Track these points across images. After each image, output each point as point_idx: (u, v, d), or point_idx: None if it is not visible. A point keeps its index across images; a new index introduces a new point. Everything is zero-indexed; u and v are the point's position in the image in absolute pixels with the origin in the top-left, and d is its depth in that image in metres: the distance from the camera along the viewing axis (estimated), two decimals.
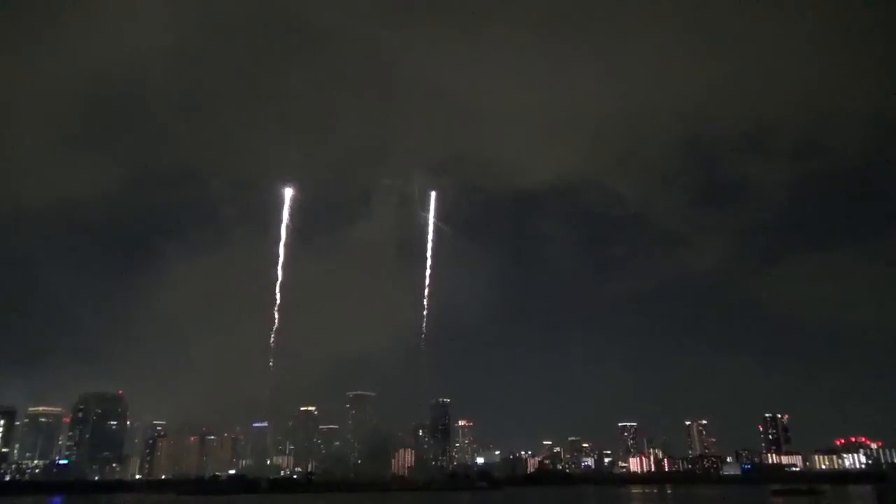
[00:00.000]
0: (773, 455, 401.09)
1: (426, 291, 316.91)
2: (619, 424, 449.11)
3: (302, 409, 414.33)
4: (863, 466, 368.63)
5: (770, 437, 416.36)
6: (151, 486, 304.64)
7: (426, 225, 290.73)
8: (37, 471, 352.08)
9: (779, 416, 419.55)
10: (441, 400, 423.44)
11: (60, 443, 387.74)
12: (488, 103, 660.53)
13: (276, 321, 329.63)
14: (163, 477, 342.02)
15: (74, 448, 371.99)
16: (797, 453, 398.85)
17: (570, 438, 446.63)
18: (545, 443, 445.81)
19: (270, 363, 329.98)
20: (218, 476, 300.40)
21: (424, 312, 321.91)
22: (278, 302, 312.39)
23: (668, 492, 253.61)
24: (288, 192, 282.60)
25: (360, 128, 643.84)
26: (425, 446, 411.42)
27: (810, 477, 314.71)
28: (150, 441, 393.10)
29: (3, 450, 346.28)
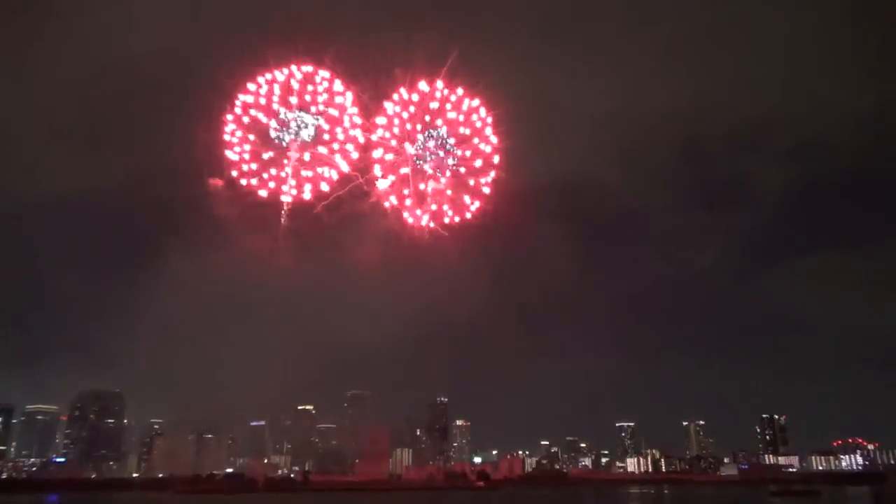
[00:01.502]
0: (771, 456, 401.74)
1: (423, 291, 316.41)
2: (617, 424, 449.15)
3: (299, 407, 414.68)
4: (860, 467, 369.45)
5: (767, 437, 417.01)
6: (148, 484, 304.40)
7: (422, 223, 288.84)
8: (34, 469, 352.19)
9: (776, 416, 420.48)
10: (439, 399, 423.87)
11: (58, 441, 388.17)
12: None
13: (275, 320, 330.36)
14: (160, 475, 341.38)
15: (72, 446, 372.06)
16: (794, 454, 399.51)
17: (567, 438, 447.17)
18: (543, 443, 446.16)
19: (273, 361, 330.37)
20: (215, 475, 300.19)
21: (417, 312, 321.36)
22: (277, 301, 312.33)
23: (666, 492, 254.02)
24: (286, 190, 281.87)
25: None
26: (423, 446, 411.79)
27: (807, 477, 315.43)
28: (148, 439, 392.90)
29: (1, 448, 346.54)
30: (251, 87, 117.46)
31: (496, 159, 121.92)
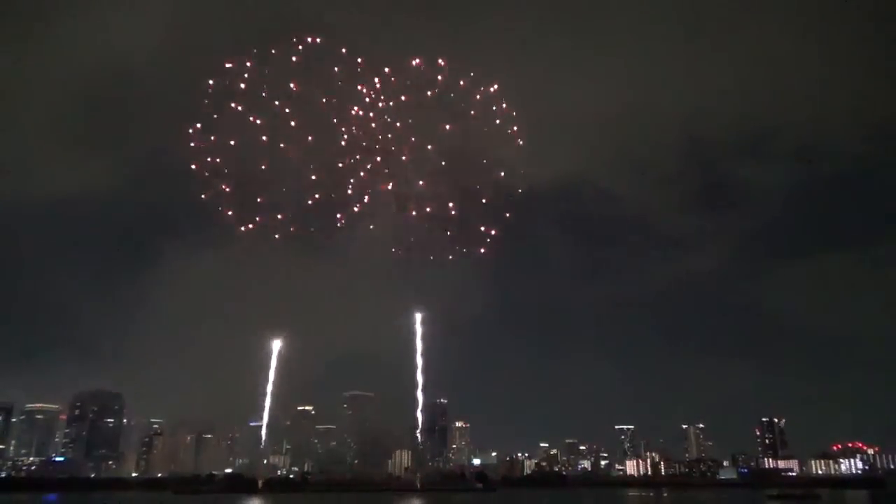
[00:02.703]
0: (770, 460, 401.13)
1: (419, 293, 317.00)
2: (616, 427, 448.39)
3: (299, 408, 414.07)
4: (859, 472, 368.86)
5: (767, 441, 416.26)
6: (147, 484, 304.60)
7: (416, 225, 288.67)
8: (33, 468, 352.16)
9: (776, 420, 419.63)
10: (438, 401, 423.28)
11: (57, 440, 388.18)
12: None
13: (275, 320, 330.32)
14: (159, 475, 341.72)
15: (71, 445, 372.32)
16: (794, 458, 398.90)
17: (566, 441, 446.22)
18: (542, 445, 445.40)
19: (271, 364, 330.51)
20: (214, 475, 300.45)
21: (418, 314, 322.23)
22: (280, 302, 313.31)
23: (665, 495, 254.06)
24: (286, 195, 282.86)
25: (357, 125, 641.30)
26: (422, 447, 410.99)
27: (807, 482, 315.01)
28: (147, 439, 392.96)
29: (0, 446, 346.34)
30: (230, 67, 72.07)
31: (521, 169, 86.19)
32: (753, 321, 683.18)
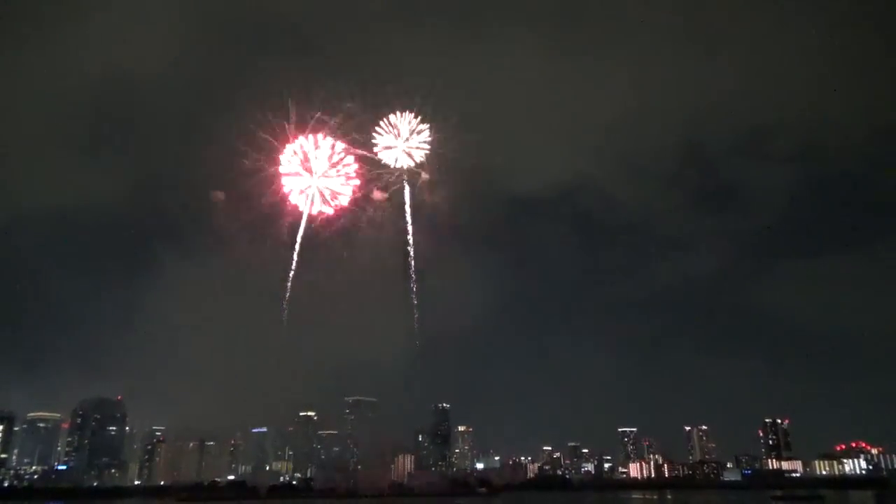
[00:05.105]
0: (774, 461, 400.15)
1: (414, 297, 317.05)
2: (619, 430, 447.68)
3: (301, 414, 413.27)
4: (863, 472, 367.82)
5: (770, 442, 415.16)
6: (150, 491, 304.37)
7: (410, 226, 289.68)
8: (35, 476, 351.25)
9: (779, 421, 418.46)
10: (441, 406, 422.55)
11: (59, 448, 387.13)
12: (487, 108, 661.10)
13: (284, 327, 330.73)
14: (162, 483, 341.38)
15: (73, 454, 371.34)
16: (797, 459, 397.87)
17: (569, 444, 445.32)
18: (545, 448, 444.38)
19: (275, 368, 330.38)
20: (217, 482, 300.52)
21: (415, 319, 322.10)
22: (286, 308, 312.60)
23: (669, 497, 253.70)
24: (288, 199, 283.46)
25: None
26: (425, 452, 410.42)
27: (810, 483, 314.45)
28: (150, 447, 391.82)
29: (2, 455, 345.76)
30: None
31: None
32: (755, 322, 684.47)
